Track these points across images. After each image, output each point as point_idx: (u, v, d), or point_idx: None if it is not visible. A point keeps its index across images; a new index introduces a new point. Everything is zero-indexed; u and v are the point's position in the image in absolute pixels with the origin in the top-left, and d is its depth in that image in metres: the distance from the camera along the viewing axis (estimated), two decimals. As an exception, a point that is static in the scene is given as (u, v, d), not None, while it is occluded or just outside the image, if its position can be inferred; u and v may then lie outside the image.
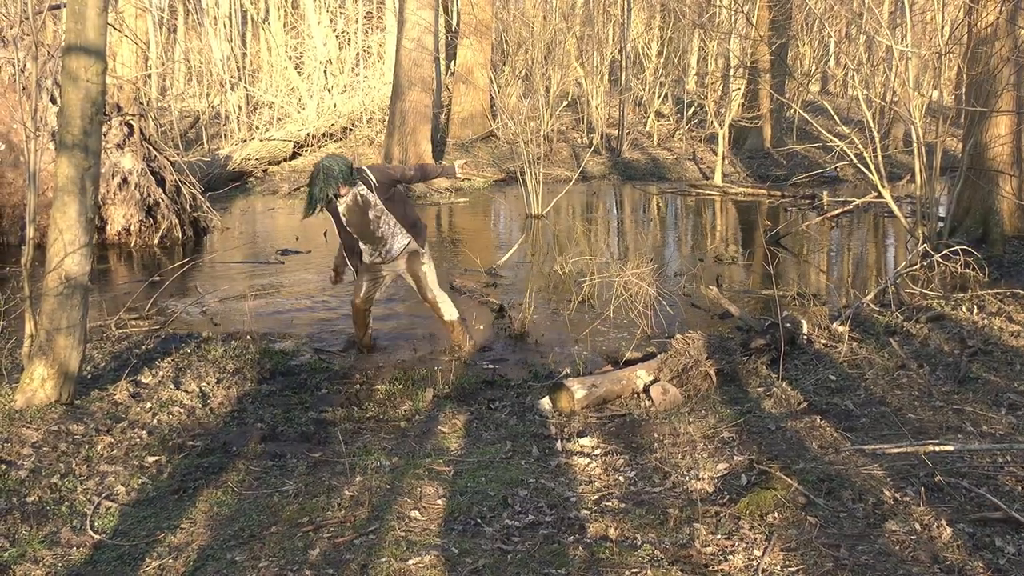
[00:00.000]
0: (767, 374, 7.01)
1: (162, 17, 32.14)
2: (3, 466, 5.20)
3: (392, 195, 7.63)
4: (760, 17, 22.96)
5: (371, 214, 7.57)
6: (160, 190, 13.93)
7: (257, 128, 25.04)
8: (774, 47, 22.29)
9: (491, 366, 7.79)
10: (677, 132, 27.87)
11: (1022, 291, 8.46)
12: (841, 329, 7.79)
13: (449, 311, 8.11)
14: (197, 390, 6.81)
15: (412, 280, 8.07)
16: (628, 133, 26.15)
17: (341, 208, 7.54)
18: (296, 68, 28.81)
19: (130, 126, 13.75)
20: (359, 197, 7.49)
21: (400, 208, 7.72)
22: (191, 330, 8.76)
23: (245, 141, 23.47)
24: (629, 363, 7.20)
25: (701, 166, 24.04)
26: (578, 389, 6.47)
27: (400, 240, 7.77)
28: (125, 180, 13.49)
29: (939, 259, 10.14)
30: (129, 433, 5.88)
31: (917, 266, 10.04)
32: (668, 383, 6.68)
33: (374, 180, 7.52)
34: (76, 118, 6.01)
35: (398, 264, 7.96)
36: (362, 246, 7.80)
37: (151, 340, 8.21)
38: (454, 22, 31.35)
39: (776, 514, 4.35)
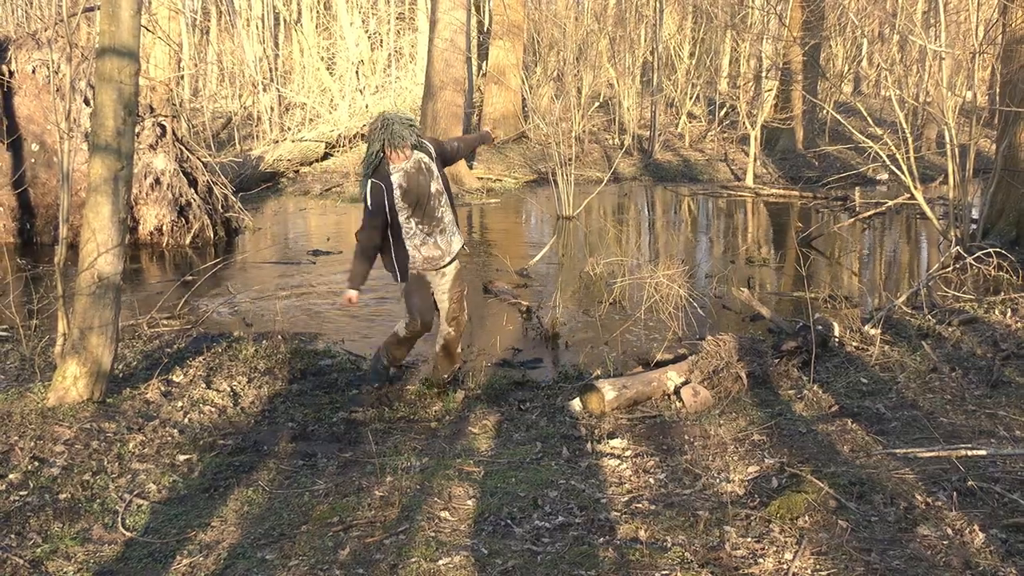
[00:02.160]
0: (798, 377, 6.97)
1: (195, 19, 32.36)
2: (36, 463, 5.24)
3: (446, 177, 6.60)
4: (793, 18, 22.86)
5: (433, 187, 6.37)
6: (192, 190, 14.02)
7: (289, 129, 25.17)
8: (807, 48, 22.20)
9: (521, 367, 7.79)
10: (709, 133, 27.80)
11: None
12: (873, 332, 7.74)
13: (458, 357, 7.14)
14: (228, 389, 6.84)
15: (448, 295, 6.78)
16: (660, 134, 26.10)
17: (396, 178, 6.27)
18: (328, 69, 28.93)
19: (163, 127, 13.85)
20: (423, 164, 6.37)
21: (451, 193, 6.61)
22: (222, 330, 8.80)
23: (277, 142, 23.59)
24: (660, 365, 7.18)
25: (733, 167, 23.96)
26: (608, 390, 6.45)
27: (457, 235, 6.63)
28: (158, 180, 13.58)
29: (972, 261, 10.05)
30: (160, 431, 5.91)
31: (950, 268, 9.96)
32: (699, 385, 6.65)
33: (432, 150, 6.47)
34: (109, 119, 6.05)
35: (448, 271, 6.71)
36: (416, 230, 6.44)
37: (183, 339, 8.25)
38: (486, 23, 31.42)
39: (807, 517, 4.33)
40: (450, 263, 6.69)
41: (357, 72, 27.99)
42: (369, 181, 6.29)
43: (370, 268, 6.61)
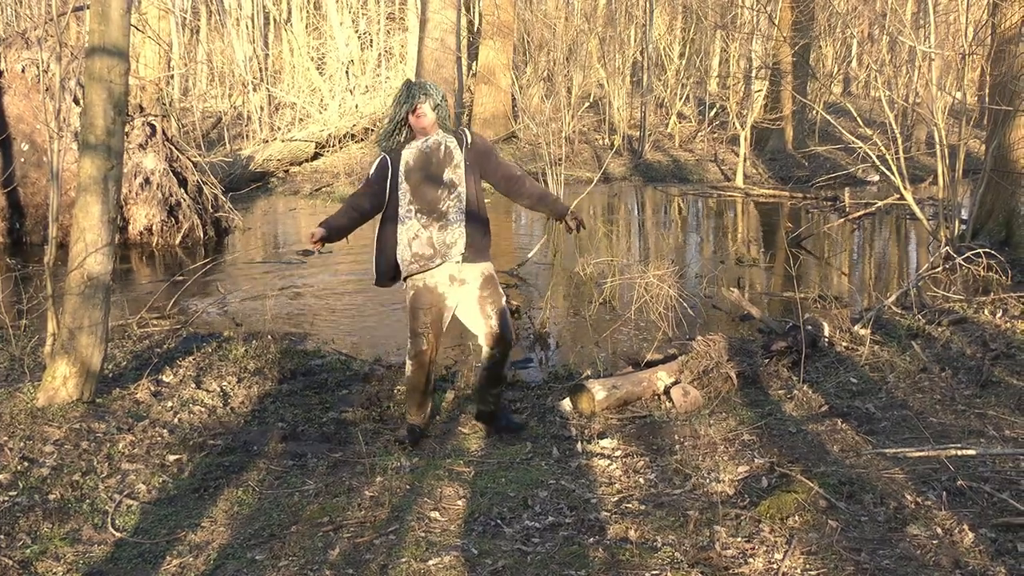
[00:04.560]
0: (788, 376, 6.98)
1: (185, 18, 32.30)
2: (26, 463, 5.22)
3: (476, 177, 5.85)
4: (783, 18, 22.89)
5: (447, 176, 5.71)
6: (182, 190, 14.00)
7: (279, 129, 25.13)
8: (796, 48, 22.23)
9: (511, 367, 7.78)
10: (699, 134, 27.81)
11: (1046, 294, 8.40)
12: (863, 332, 7.75)
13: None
14: (218, 389, 6.82)
15: (480, 308, 5.87)
16: (650, 134, 26.10)
17: (407, 154, 5.75)
18: (318, 69, 28.90)
19: (152, 126, 13.82)
20: (444, 148, 5.75)
21: (474, 194, 5.81)
22: (212, 330, 8.79)
23: (267, 142, 23.56)
24: (650, 365, 7.18)
25: (723, 168, 23.98)
26: (599, 390, 6.45)
27: (461, 242, 5.71)
28: (147, 180, 13.56)
29: (961, 262, 10.06)
30: (150, 432, 5.89)
31: (939, 269, 9.97)
32: (689, 385, 6.65)
33: (469, 140, 5.85)
34: (99, 118, 6.04)
35: (470, 279, 5.84)
36: (413, 217, 5.75)
37: (172, 339, 8.23)
38: (476, 23, 31.41)
39: (797, 517, 4.33)
40: (467, 268, 5.79)
41: (347, 72, 27.96)
42: (381, 156, 5.86)
43: (346, 225, 5.92)
